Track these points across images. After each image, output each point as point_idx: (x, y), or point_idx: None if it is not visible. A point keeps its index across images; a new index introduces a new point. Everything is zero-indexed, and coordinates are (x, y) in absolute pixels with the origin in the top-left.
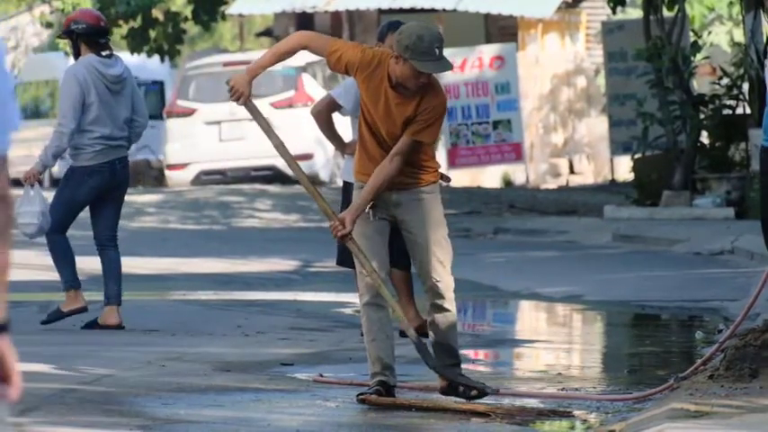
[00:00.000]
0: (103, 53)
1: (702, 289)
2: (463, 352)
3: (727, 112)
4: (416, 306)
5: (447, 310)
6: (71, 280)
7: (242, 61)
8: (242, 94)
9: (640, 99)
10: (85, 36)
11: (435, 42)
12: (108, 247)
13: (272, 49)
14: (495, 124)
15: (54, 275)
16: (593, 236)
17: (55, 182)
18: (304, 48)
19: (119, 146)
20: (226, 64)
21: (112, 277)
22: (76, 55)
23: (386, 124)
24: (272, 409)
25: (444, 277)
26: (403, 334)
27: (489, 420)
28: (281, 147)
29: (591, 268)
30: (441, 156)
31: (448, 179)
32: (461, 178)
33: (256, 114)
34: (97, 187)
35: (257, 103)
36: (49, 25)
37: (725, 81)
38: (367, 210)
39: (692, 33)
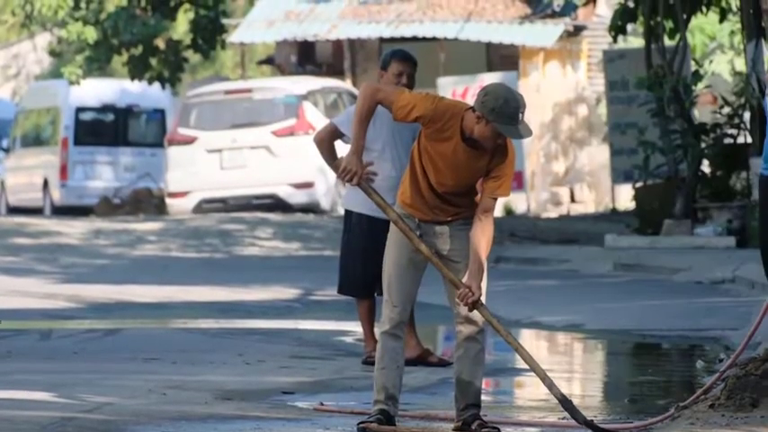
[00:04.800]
0: None
1: (703, 318)
2: None
3: (728, 141)
4: (417, 335)
5: (478, 342)
6: None
7: (243, 89)
8: (355, 174)
9: (642, 128)
10: None
11: (521, 107)
12: None
13: (356, 121)
14: None
15: (56, 303)
16: (594, 265)
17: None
18: (378, 103)
19: None
20: (227, 92)
21: None
22: None
23: (449, 174)
24: None
25: (481, 306)
26: (411, 362)
27: None
28: (399, 222)
29: (592, 297)
30: None
31: None
32: None
33: (371, 192)
34: None
35: (259, 131)
36: (57, 54)
37: (726, 110)
38: (417, 231)
39: (693, 62)
